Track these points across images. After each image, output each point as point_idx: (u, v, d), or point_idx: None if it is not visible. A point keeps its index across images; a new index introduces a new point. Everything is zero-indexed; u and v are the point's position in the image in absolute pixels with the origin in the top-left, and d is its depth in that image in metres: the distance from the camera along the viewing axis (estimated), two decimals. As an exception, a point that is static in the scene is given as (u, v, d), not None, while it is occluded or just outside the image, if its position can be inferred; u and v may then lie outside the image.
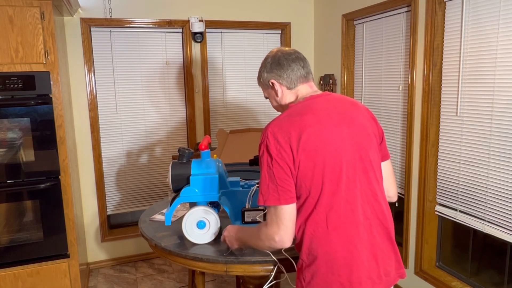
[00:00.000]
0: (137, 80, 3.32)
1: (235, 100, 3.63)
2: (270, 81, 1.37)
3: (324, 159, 1.20)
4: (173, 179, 1.66)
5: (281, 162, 1.19)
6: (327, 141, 1.21)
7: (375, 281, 1.23)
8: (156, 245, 1.66)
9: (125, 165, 3.36)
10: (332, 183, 1.20)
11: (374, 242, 1.24)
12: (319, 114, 1.25)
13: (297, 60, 1.36)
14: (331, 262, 1.20)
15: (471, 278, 2.39)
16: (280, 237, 1.21)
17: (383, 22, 2.84)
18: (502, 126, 2.03)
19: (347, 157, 1.23)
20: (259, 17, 3.53)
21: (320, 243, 1.21)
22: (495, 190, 2.10)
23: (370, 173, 1.27)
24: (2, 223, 2.44)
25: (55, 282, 2.56)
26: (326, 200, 1.20)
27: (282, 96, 1.37)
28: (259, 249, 1.35)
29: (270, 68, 1.37)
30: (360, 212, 1.23)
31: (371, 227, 1.25)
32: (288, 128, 1.21)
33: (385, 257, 1.27)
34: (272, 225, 1.22)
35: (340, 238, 1.20)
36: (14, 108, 2.37)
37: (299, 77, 1.35)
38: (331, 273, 1.20)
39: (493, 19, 2.04)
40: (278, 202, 1.20)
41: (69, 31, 3.04)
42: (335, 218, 1.20)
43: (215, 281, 3.07)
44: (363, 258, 1.21)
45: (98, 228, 3.31)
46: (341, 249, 1.20)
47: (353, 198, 1.22)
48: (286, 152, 1.19)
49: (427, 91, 2.43)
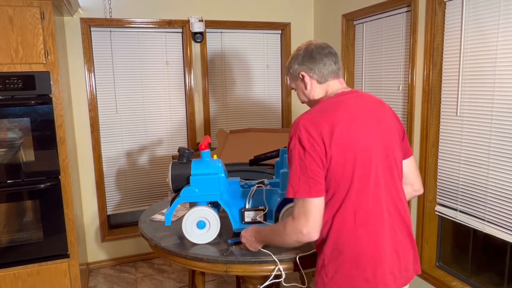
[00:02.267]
0: (137, 80, 3.32)
1: (235, 100, 3.63)
2: (301, 73, 1.36)
3: (355, 156, 1.21)
4: (173, 179, 1.66)
5: (314, 155, 1.20)
6: (358, 138, 1.23)
7: (396, 276, 1.25)
8: (156, 245, 1.66)
9: (125, 165, 3.36)
10: (361, 179, 1.22)
11: (396, 238, 1.27)
12: (351, 111, 1.26)
13: (329, 55, 1.36)
14: (357, 257, 1.22)
15: (471, 278, 2.39)
16: (308, 229, 1.21)
17: (383, 22, 2.84)
18: (502, 126, 2.03)
19: (376, 155, 1.25)
20: (259, 17, 3.53)
21: (347, 239, 1.22)
22: (495, 190, 2.10)
23: (394, 171, 1.30)
24: (2, 223, 2.44)
25: (55, 282, 2.56)
26: (354, 196, 1.22)
27: (311, 89, 1.37)
28: (285, 245, 1.35)
29: (301, 60, 1.36)
30: (385, 209, 1.26)
31: (394, 223, 1.27)
32: (321, 122, 1.22)
33: (405, 253, 1.30)
34: (300, 218, 1.22)
35: (367, 234, 1.22)
36: (14, 108, 2.37)
37: (330, 72, 1.35)
38: (356, 268, 1.22)
39: (493, 19, 2.04)
40: (309, 195, 1.20)
41: (69, 31, 3.04)
42: (362, 214, 1.22)
43: (215, 281, 3.07)
44: (386, 253, 1.24)
45: (98, 228, 3.31)
46: (368, 245, 1.22)
47: (379, 195, 1.25)
48: (318, 145, 1.20)
49: (427, 91, 2.43)
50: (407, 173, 1.42)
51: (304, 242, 1.26)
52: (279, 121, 3.81)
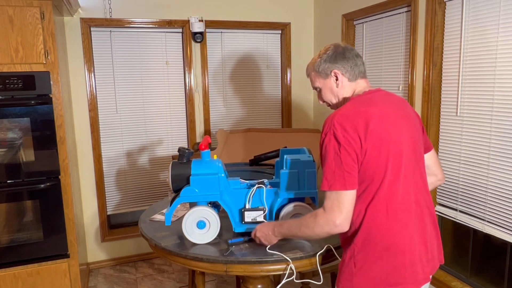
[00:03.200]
0: (137, 80, 3.32)
1: (235, 100, 3.63)
2: (333, 71, 1.42)
3: (388, 149, 1.27)
4: (173, 179, 1.66)
5: (349, 149, 1.25)
6: (390, 132, 1.29)
7: (425, 264, 1.31)
8: (156, 245, 1.66)
9: (125, 165, 3.36)
10: (393, 171, 1.28)
11: (424, 228, 1.32)
12: (381, 107, 1.32)
13: (359, 56, 1.44)
14: (387, 247, 1.27)
15: (471, 278, 2.39)
16: (341, 221, 1.26)
17: (383, 22, 2.84)
18: (502, 126, 2.03)
19: (406, 148, 1.31)
20: (259, 17, 3.53)
21: (379, 229, 1.27)
22: (495, 190, 2.10)
23: (421, 165, 1.37)
24: (2, 223, 2.44)
25: (55, 282, 2.56)
26: (386, 188, 1.27)
27: (341, 87, 1.43)
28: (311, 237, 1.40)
29: (334, 58, 1.41)
30: (414, 200, 1.31)
31: (423, 214, 1.33)
32: (355, 117, 1.28)
33: (432, 242, 1.36)
34: (334, 210, 1.27)
35: (398, 224, 1.27)
36: (14, 108, 2.37)
37: (360, 71, 1.43)
38: (386, 257, 1.27)
39: (493, 19, 2.04)
40: (344, 187, 1.25)
41: (69, 31, 3.04)
42: (394, 205, 1.27)
43: (215, 281, 3.07)
44: (416, 243, 1.29)
45: (98, 228, 3.31)
46: (399, 235, 1.27)
47: (408, 187, 1.30)
48: (353, 139, 1.25)
49: (427, 91, 2.43)
50: (431, 164, 1.50)
51: (335, 233, 1.30)
52: (279, 121, 3.81)
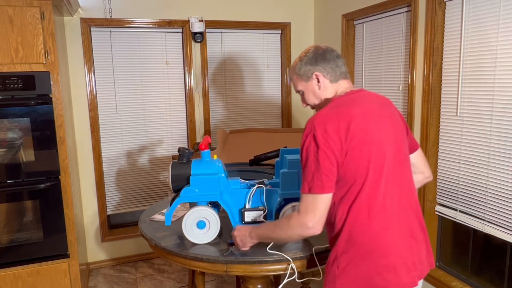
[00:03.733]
0: (137, 80, 3.32)
1: (235, 100, 3.63)
2: (314, 73, 1.41)
3: (370, 149, 1.26)
4: (173, 179, 1.66)
5: (328, 152, 1.24)
6: (372, 133, 1.27)
7: (410, 267, 1.27)
8: (156, 245, 1.66)
9: (125, 165, 3.36)
10: (376, 172, 1.26)
11: (409, 230, 1.30)
12: (364, 107, 1.31)
13: (340, 57, 1.44)
14: (369, 249, 1.25)
15: (471, 278, 2.39)
16: (313, 223, 1.25)
17: (383, 22, 2.84)
18: (502, 126, 2.03)
19: (388, 149, 1.29)
20: (259, 17, 3.53)
21: (360, 230, 1.25)
22: (495, 190, 2.10)
23: (405, 165, 1.35)
24: (2, 223, 2.44)
25: (55, 282, 2.56)
26: (368, 189, 1.25)
27: (323, 89, 1.42)
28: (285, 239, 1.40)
29: (315, 61, 1.41)
30: (398, 202, 1.29)
31: (407, 216, 1.31)
32: (336, 118, 1.26)
33: (418, 245, 1.32)
34: (308, 213, 1.26)
35: (379, 226, 1.25)
36: (14, 108, 2.37)
37: (342, 72, 1.42)
38: (368, 259, 1.24)
39: (493, 19, 2.04)
40: (321, 191, 1.25)
41: (69, 31, 3.04)
42: (376, 206, 1.26)
43: (215, 281, 3.07)
44: (399, 245, 1.26)
45: (98, 228, 3.31)
46: (380, 237, 1.25)
47: (392, 188, 1.28)
48: (334, 141, 1.24)
49: (427, 91, 2.43)
50: (417, 163, 1.49)
51: (307, 236, 1.29)
52: (279, 121, 3.81)
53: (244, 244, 1.52)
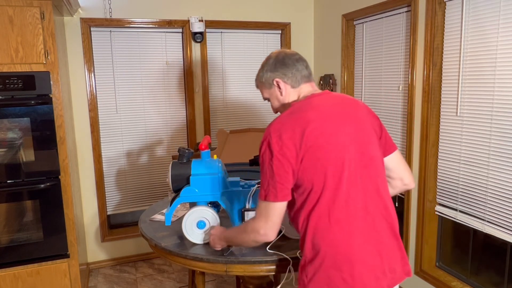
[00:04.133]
0: (137, 80, 3.32)
1: (235, 100, 3.63)
2: (275, 80, 1.38)
3: (327, 154, 1.22)
4: (173, 179, 1.66)
5: (282, 159, 1.22)
6: (329, 136, 1.23)
7: (379, 276, 1.23)
8: (156, 245, 1.66)
9: (125, 165, 3.36)
10: (335, 177, 1.22)
11: (377, 237, 1.25)
12: (321, 110, 1.27)
13: (300, 60, 1.39)
14: (333, 256, 1.21)
15: (471, 278, 2.39)
16: (265, 230, 1.26)
17: (383, 22, 2.84)
18: (502, 126, 2.03)
19: (349, 152, 1.25)
20: (259, 17, 3.53)
21: (322, 237, 1.22)
22: (495, 190, 2.10)
23: (371, 169, 1.29)
24: (2, 223, 2.44)
25: (55, 282, 2.56)
26: (328, 194, 1.22)
27: (285, 95, 1.39)
28: (244, 244, 1.40)
29: (274, 67, 1.38)
30: (362, 207, 1.24)
31: (374, 222, 1.26)
32: (291, 125, 1.24)
33: (390, 253, 1.27)
34: (261, 219, 1.26)
35: (342, 233, 1.21)
36: (14, 108, 2.37)
37: (303, 76, 1.38)
38: (334, 267, 1.21)
39: (493, 19, 2.04)
40: (275, 199, 1.23)
41: (69, 31, 3.04)
42: (337, 212, 1.22)
43: (215, 281, 3.07)
44: (365, 253, 1.22)
45: (98, 228, 3.31)
46: (343, 244, 1.21)
47: (355, 193, 1.24)
48: (288, 148, 1.21)
49: (427, 91, 2.43)
50: (394, 167, 1.41)
51: (261, 242, 1.30)
52: (279, 121, 3.80)
53: (214, 245, 1.54)
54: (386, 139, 1.39)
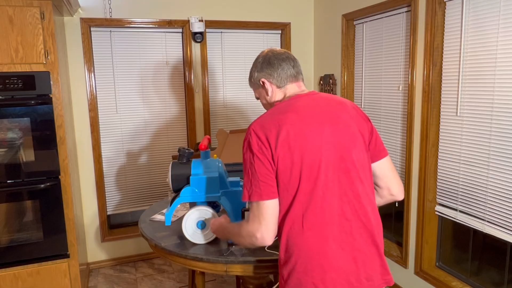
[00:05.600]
0: (137, 80, 3.32)
1: (235, 100, 3.63)
2: (261, 80, 1.39)
3: (302, 157, 1.20)
4: (173, 179, 1.66)
5: (262, 158, 1.21)
6: (306, 139, 1.21)
7: (354, 284, 1.20)
8: (156, 245, 1.66)
9: (125, 165, 3.36)
10: (310, 181, 1.20)
11: (354, 244, 1.22)
12: (301, 112, 1.25)
13: (287, 60, 1.38)
14: (305, 261, 1.19)
15: (471, 278, 2.39)
16: (261, 233, 1.20)
17: (383, 22, 2.84)
18: (502, 126, 2.03)
19: (327, 156, 1.21)
20: (259, 17, 3.53)
21: (295, 242, 1.20)
22: (495, 190, 2.10)
23: (353, 174, 1.24)
24: (2, 223, 2.44)
25: (55, 282, 2.56)
26: (302, 198, 1.20)
27: (272, 95, 1.39)
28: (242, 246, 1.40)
29: (261, 67, 1.39)
30: (339, 213, 1.21)
31: (351, 228, 1.22)
32: (269, 125, 1.23)
33: (367, 260, 1.23)
34: (254, 222, 1.21)
35: (314, 238, 1.19)
36: (14, 108, 2.37)
37: (288, 76, 1.37)
38: (305, 272, 1.19)
39: (493, 19, 2.04)
40: (260, 198, 1.20)
41: (69, 31, 3.04)
42: (310, 217, 1.19)
43: (215, 281, 3.07)
44: (339, 259, 1.19)
45: (98, 228, 3.31)
46: (315, 249, 1.19)
47: (331, 198, 1.21)
48: (266, 148, 1.21)
49: (427, 91, 2.43)
50: (381, 175, 1.35)
51: (258, 245, 1.25)
52: (279, 121, 3.80)
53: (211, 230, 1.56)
54: (376, 144, 1.34)
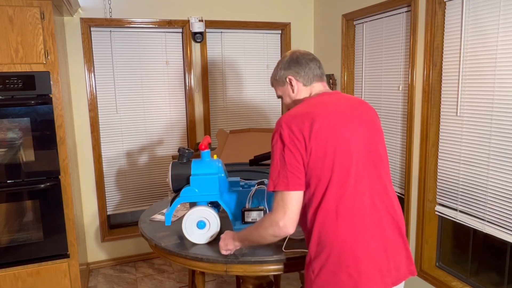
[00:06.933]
0: (137, 80, 3.32)
1: (235, 100, 3.63)
2: (288, 77, 1.44)
3: (334, 149, 1.24)
4: (173, 179, 1.66)
5: (293, 149, 1.24)
6: (338, 132, 1.26)
7: (384, 274, 1.23)
8: (156, 245, 1.66)
9: (125, 165, 3.36)
10: (342, 173, 1.24)
11: (383, 235, 1.26)
12: (331, 107, 1.31)
13: (314, 60, 1.45)
14: (339, 252, 1.22)
15: (471, 278, 2.39)
16: (284, 222, 1.24)
17: (383, 22, 2.84)
18: (502, 126, 2.03)
19: (357, 149, 1.27)
20: (259, 17, 3.53)
21: (329, 233, 1.23)
22: (495, 190, 2.10)
23: (379, 167, 1.31)
24: (2, 223, 2.44)
25: (55, 282, 2.56)
26: (335, 190, 1.23)
27: (297, 92, 1.44)
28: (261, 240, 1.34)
29: (288, 65, 1.44)
30: (369, 204, 1.26)
31: (381, 220, 1.27)
32: (301, 118, 1.27)
33: (395, 251, 1.28)
34: (278, 211, 1.25)
35: (348, 229, 1.22)
36: (14, 108, 2.37)
37: (315, 75, 1.44)
38: (339, 263, 1.21)
39: (493, 19, 2.04)
40: (287, 188, 1.24)
41: (69, 31, 3.04)
42: (344, 208, 1.23)
43: (215, 281, 3.07)
44: (371, 249, 1.23)
45: (98, 228, 3.31)
46: (349, 240, 1.22)
47: (362, 189, 1.25)
48: (298, 140, 1.24)
49: (427, 91, 2.43)
50: None
51: (280, 236, 1.27)
52: (279, 121, 3.80)
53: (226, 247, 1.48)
54: None
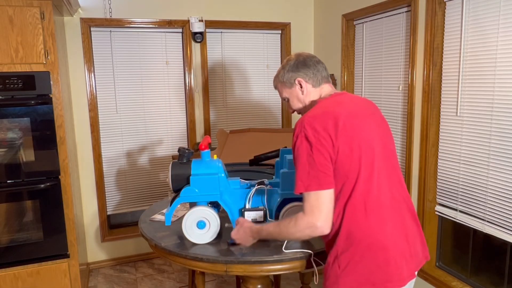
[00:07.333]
0: (137, 80, 3.32)
1: (235, 100, 3.63)
2: (297, 79, 1.46)
3: (359, 146, 1.28)
4: (173, 179, 1.66)
5: (321, 149, 1.26)
6: (360, 130, 1.30)
7: (408, 259, 1.29)
8: (156, 245, 1.66)
9: (125, 165, 3.36)
10: (367, 168, 1.28)
11: (404, 224, 1.32)
12: (349, 106, 1.35)
13: (320, 63, 1.48)
14: (369, 244, 1.25)
15: (471, 278, 2.39)
16: (321, 222, 1.25)
17: (383, 22, 2.84)
18: (502, 126, 2.03)
19: (376, 144, 1.32)
20: (259, 17, 3.53)
21: (359, 227, 1.26)
22: (495, 190, 2.10)
23: (393, 161, 1.38)
24: (2, 223, 2.44)
25: (55, 282, 2.56)
26: (362, 185, 1.26)
27: (306, 94, 1.46)
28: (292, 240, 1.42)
29: (296, 67, 1.46)
30: (390, 196, 1.31)
31: (401, 210, 1.33)
32: (323, 117, 1.29)
33: (413, 237, 1.34)
34: (314, 212, 1.25)
35: (377, 221, 1.26)
36: (14, 108, 2.37)
37: (323, 77, 1.47)
38: (369, 255, 1.25)
39: (493, 19, 2.04)
40: (320, 187, 1.25)
41: (69, 31, 3.04)
42: (371, 202, 1.26)
43: (215, 281, 3.07)
44: (396, 238, 1.28)
45: (98, 228, 3.31)
46: (379, 232, 1.26)
47: (383, 183, 1.30)
48: (325, 139, 1.26)
49: (427, 91, 2.43)
50: None
51: (317, 235, 1.29)
52: (279, 121, 3.81)
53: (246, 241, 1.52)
54: None
